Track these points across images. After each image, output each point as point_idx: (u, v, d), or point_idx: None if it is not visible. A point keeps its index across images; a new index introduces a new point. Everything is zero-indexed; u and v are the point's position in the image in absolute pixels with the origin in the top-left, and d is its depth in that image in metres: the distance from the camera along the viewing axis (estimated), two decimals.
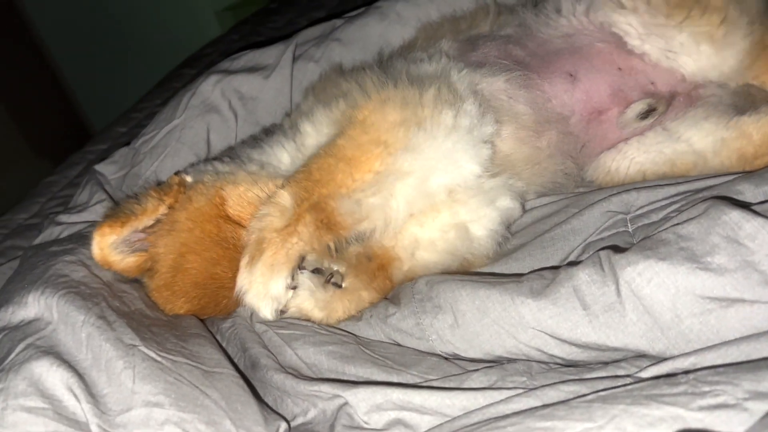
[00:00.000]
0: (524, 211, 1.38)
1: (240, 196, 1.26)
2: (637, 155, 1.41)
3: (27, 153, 4.44)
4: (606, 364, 0.98)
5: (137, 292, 1.29)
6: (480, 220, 1.28)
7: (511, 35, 1.51)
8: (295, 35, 1.78)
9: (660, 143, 1.40)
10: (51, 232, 1.50)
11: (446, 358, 1.10)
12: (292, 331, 1.17)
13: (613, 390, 0.81)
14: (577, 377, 0.93)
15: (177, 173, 1.34)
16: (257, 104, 1.67)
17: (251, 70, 1.69)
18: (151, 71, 3.20)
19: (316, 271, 1.17)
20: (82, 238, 1.36)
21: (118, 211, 1.26)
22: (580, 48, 1.44)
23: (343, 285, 1.19)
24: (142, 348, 1.03)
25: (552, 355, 1.02)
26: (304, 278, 1.16)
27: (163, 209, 1.26)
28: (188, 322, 1.26)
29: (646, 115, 1.41)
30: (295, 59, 1.70)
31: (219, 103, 1.66)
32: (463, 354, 1.09)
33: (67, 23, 4.53)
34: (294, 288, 1.13)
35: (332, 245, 1.15)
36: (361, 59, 1.64)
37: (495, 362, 1.06)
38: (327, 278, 1.18)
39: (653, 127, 1.43)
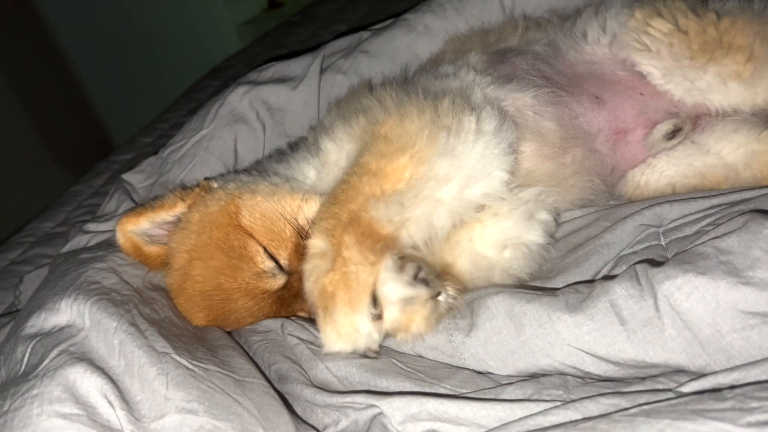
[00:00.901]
0: (557, 224, 1.37)
1: (255, 206, 1.26)
2: (667, 168, 1.41)
3: (50, 165, 4.49)
4: (643, 379, 0.96)
5: (166, 300, 1.29)
6: (528, 235, 1.26)
7: (540, 53, 1.52)
8: (323, 46, 1.79)
9: (689, 156, 1.39)
10: (79, 241, 1.50)
11: (479, 373, 1.08)
12: None
13: (656, 404, 0.80)
14: (615, 390, 0.92)
15: (206, 179, 1.35)
16: (285, 115, 1.68)
17: (279, 81, 1.70)
18: (172, 84, 3.24)
19: (422, 281, 1.01)
20: (111, 246, 1.36)
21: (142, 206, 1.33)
22: (603, 75, 1.45)
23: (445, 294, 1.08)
24: (174, 356, 1.03)
25: (587, 373, 1.01)
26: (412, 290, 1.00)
27: (181, 207, 1.32)
28: (215, 334, 1.26)
29: (672, 135, 1.41)
30: (322, 71, 1.71)
31: (247, 114, 1.67)
32: (496, 372, 1.08)
33: (91, 37, 4.59)
34: (379, 317, 1.00)
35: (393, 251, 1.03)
36: (390, 71, 1.64)
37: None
38: (434, 294, 1.04)
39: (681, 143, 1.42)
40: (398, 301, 0.98)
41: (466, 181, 1.13)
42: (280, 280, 1.24)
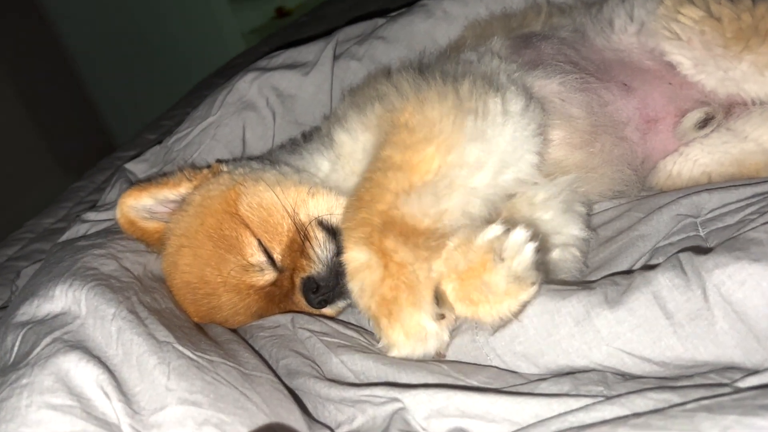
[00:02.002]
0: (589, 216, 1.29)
1: (256, 195, 1.20)
2: (701, 157, 1.33)
3: (54, 168, 4.43)
4: (690, 377, 0.88)
5: (168, 292, 1.21)
6: (569, 228, 1.18)
7: (566, 38, 1.44)
8: (336, 32, 1.72)
9: (726, 143, 1.31)
10: (77, 230, 1.43)
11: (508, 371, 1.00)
12: (338, 340, 1.08)
13: (717, 399, 0.71)
14: (664, 385, 0.83)
15: (219, 161, 1.27)
16: (296, 102, 1.60)
17: (290, 66, 1.63)
18: (178, 92, 3.18)
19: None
20: (111, 233, 1.29)
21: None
22: (631, 63, 1.38)
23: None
24: (177, 345, 0.94)
25: (628, 374, 0.92)
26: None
27: (186, 187, 1.27)
28: (217, 329, 1.19)
29: (704, 124, 1.33)
30: (336, 57, 1.64)
31: (256, 101, 1.59)
32: (525, 371, 0.99)
33: (98, 45, 4.56)
34: (443, 316, 0.94)
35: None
36: (406, 58, 1.56)
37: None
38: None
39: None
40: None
41: (499, 167, 1.05)
42: (268, 276, 1.18)
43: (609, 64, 1.39)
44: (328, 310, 1.22)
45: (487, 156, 1.04)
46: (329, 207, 1.22)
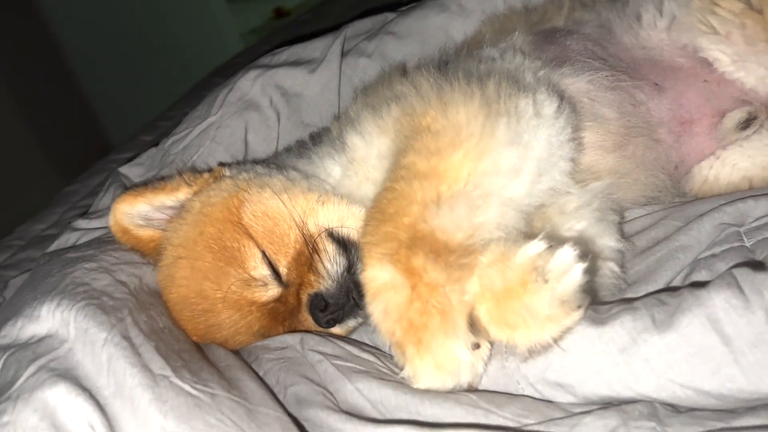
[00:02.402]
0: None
1: (260, 202, 1.12)
2: (741, 160, 1.24)
3: (49, 170, 4.35)
4: (752, 408, 0.78)
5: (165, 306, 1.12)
6: (604, 239, 1.08)
7: (590, 34, 1.35)
8: (344, 27, 1.62)
9: None
10: (67, 239, 1.33)
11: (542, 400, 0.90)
12: (352, 364, 0.99)
13: None
14: (727, 426, 0.73)
15: (221, 164, 1.18)
16: (301, 101, 1.50)
17: (295, 64, 1.53)
18: (176, 93, 3.10)
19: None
20: (104, 243, 1.19)
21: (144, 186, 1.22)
22: (661, 61, 1.29)
23: None
24: (175, 379, 0.84)
25: (682, 407, 0.82)
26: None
27: (185, 192, 1.19)
28: (219, 351, 1.09)
29: (746, 124, 1.24)
30: (344, 54, 1.54)
31: (259, 100, 1.49)
32: (560, 401, 0.89)
33: (95, 46, 4.49)
34: (478, 346, 0.85)
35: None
36: (419, 55, 1.46)
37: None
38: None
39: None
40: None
41: (536, 174, 0.96)
42: (272, 291, 1.09)
43: (638, 63, 1.30)
44: (337, 330, 1.13)
45: (524, 162, 0.95)
46: (340, 217, 1.13)
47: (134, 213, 1.18)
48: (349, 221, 1.13)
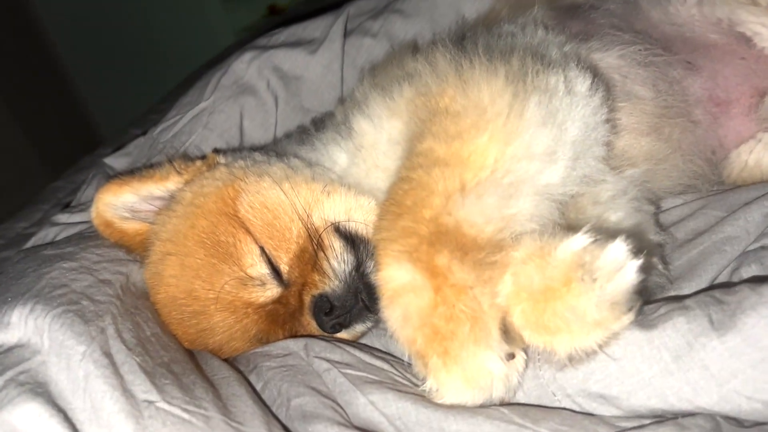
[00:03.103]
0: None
1: (259, 192, 1.02)
2: None
3: (35, 168, 4.24)
4: None
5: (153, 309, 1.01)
6: (644, 231, 0.99)
7: (615, 10, 1.24)
8: (347, 5, 1.51)
9: None
10: (46, 234, 1.22)
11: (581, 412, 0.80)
12: (364, 373, 0.88)
13: None
14: None
15: (216, 150, 1.08)
16: (301, 85, 1.40)
17: (294, 45, 1.43)
18: (168, 90, 3.01)
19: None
20: (85, 239, 1.07)
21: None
22: (693, 38, 1.19)
23: None
24: (162, 404, 0.73)
25: (748, 420, 0.72)
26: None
27: (175, 180, 1.10)
28: (214, 360, 0.98)
29: None
30: (347, 33, 1.43)
31: (255, 83, 1.39)
32: (603, 414, 0.79)
33: (86, 42, 4.40)
34: (512, 356, 0.74)
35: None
36: (429, 34, 1.35)
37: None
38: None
39: None
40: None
41: (572, 158, 0.85)
42: (271, 292, 1.00)
43: (669, 39, 1.20)
44: (343, 335, 1.03)
45: (558, 145, 0.84)
46: (348, 209, 1.04)
47: (119, 204, 1.09)
48: (357, 214, 1.03)
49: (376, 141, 1.01)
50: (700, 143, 1.13)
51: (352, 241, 1.01)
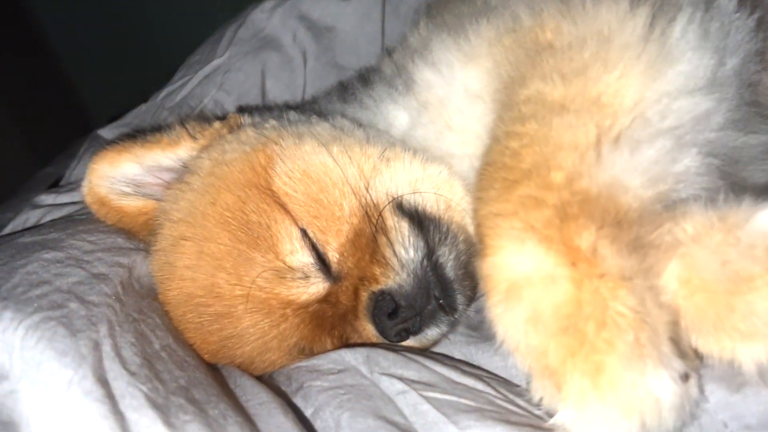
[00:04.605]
0: None
1: (299, 159, 0.85)
2: None
3: (26, 156, 4.14)
4: None
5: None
6: None
7: None
8: None
9: None
10: (26, 219, 1.02)
11: None
12: (453, 397, 0.67)
13: None
14: None
15: (240, 109, 0.88)
16: (335, 37, 1.22)
17: None
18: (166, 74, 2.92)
19: None
20: (74, 224, 0.86)
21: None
22: None
23: None
24: None
25: None
26: None
27: (188, 146, 0.92)
28: (246, 381, 0.79)
29: None
30: None
31: (279, 36, 1.21)
32: None
33: (82, 35, 4.30)
34: (687, 377, 0.55)
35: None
36: None
37: None
38: None
39: None
40: None
41: (738, 95, 0.70)
42: (316, 287, 0.82)
43: None
44: (411, 343, 0.83)
45: (718, 77, 0.67)
46: (413, 180, 0.85)
47: (117, 176, 0.90)
48: (425, 185, 0.85)
49: (448, 95, 0.85)
50: None
51: (419, 221, 0.81)
